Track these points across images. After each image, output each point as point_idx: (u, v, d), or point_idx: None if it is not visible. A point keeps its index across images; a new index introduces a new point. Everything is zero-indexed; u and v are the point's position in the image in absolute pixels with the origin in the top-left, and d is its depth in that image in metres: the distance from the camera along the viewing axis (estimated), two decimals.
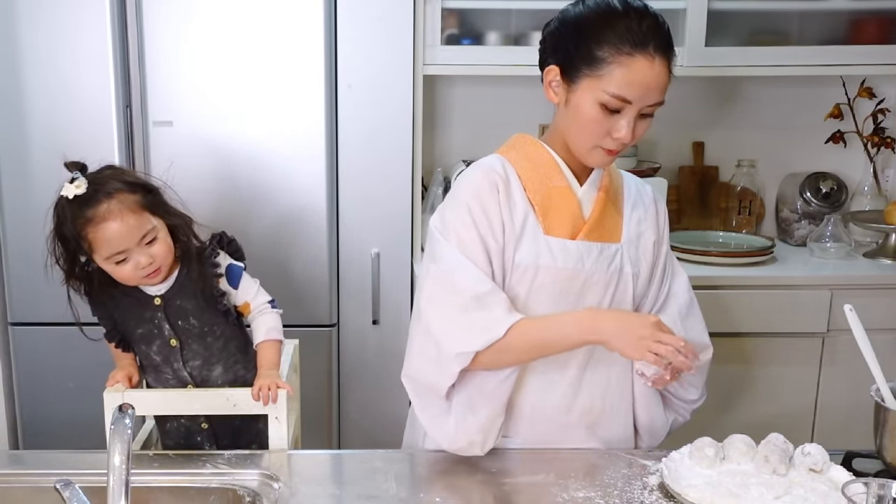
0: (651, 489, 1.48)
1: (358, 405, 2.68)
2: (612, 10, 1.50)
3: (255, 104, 2.46)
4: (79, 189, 1.65)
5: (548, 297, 1.59)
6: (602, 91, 1.49)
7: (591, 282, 1.60)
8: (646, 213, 1.68)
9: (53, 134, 2.44)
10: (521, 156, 1.62)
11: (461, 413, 1.59)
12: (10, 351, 2.58)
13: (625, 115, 1.51)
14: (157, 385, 1.83)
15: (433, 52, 2.62)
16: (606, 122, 1.51)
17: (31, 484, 1.54)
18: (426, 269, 1.61)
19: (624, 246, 1.63)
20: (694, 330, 1.68)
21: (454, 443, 1.60)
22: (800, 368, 2.74)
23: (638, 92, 1.49)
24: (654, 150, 3.11)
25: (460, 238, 1.56)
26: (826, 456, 1.48)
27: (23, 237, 2.49)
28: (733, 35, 2.83)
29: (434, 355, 1.57)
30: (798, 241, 3.05)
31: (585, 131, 1.54)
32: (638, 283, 1.65)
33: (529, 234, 1.57)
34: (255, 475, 1.54)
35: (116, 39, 2.42)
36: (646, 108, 1.52)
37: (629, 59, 1.48)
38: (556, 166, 1.61)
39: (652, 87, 1.50)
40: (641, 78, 1.48)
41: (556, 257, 1.58)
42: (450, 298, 1.56)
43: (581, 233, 1.60)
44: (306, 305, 2.52)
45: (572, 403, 1.64)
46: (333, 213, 2.55)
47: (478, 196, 1.57)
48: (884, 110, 3.05)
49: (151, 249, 1.69)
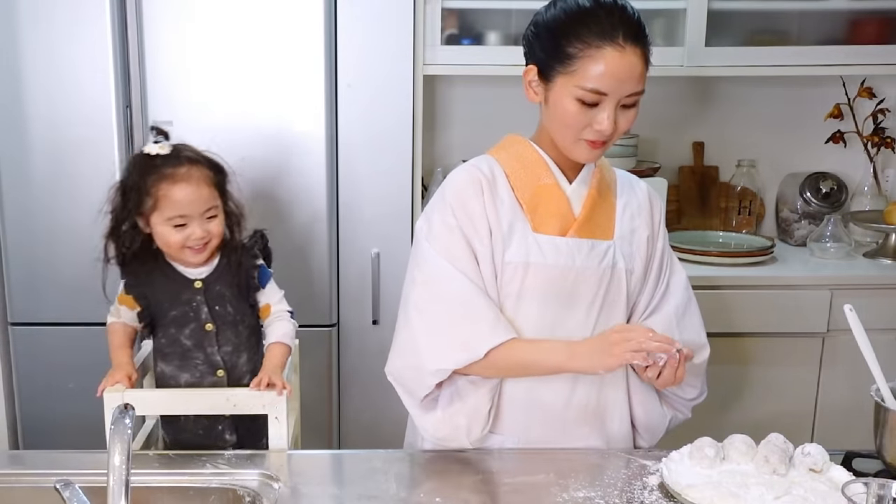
0: (651, 489, 1.48)
1: (358, 405, 2.68)
2: (580, 8, 1.53)
3: (255, 104, 2.46)
4: (162, 150, 1.75)
5: (540, 295, 1.60)
6: (576, 87, 1.52)
7: (582, 278, 1.61)
8: (639, 209, 1.69)
9: (53, 134, 2.44)
10: (509, 155, 1.64)
11: (448, 400, 1.62)
12: (10, 351, 2.58)
13: (604, 108, 1.52)
14: (178, 373, 1.84)
15: (433, 52, 2.62)
16: (586, 115, 1.53)
17: (31, 484, 1.54)
18: (412, 275, 1.64)
19: (617, 242, 1.64)
20: (690, 330, 1.68)
21: (439, 430, 1.62)
22: (800, 368, 2.74)
23: (611, 83, 1.51)
24: (654, 150, 3.11)
25: (445, 243, 1.59)
26: (826, 456, 1.48)
27: (23, 237, 2.49)
28: (733, 35, 2.83)
29: (414, 364, 1.61)
30: (798, 241, 3.05)
31: (567, 127, 1.56)
32: (632, 279, 1.66)
33: (518, 232, 1.59)
34: (255, 475, 1.54)
35: (116, 39, 2.42)
36: (625, 99, 1.53)
37: (598, 52, 1.50)
38: (544, 164, 1.63)
39: (625, 78, 1.51)
40: (613, 69, 1.50)
41: (546, 255, 1.59)
42: (435, 308, 1.59)
43: (571, 230, 1.61)
44: (306, 305, 2.52)
45: (569, 399, 1.64)
46: (333, 213, 2.55)
47: (461, 198, 1.59)
48: (884, 110, 3.06)
49: (209, 225, 1.76)
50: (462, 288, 1.57)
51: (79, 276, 2.49)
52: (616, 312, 1.65)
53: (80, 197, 2.44)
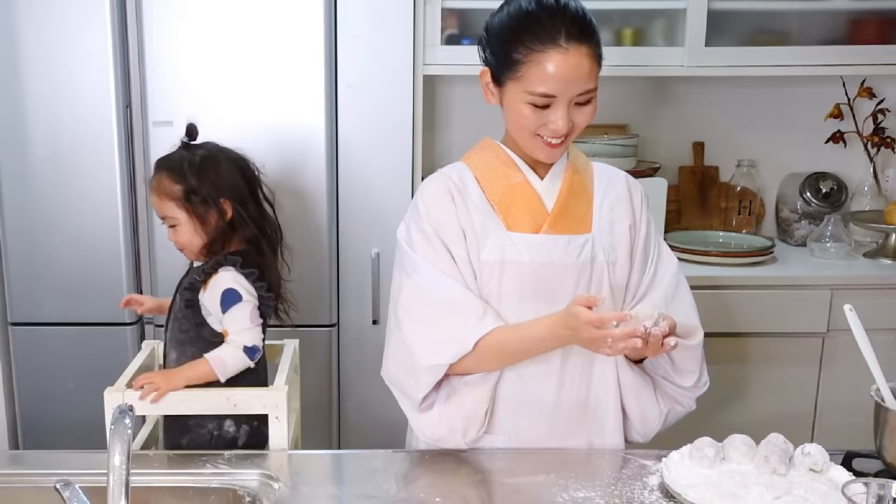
0: (651, 489, 1.48)
1: (358, 405, 2.67)
2: (523, 12, 1.54)
3: (255, 104, 2.46)
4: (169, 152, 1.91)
5: (518, 293, 1.61)
6: (524, 91, 1.54)
7: (560, 273, 1.61)
8: (618, 199, 1.69)
9: (53, 134, 2.44)
10: (480, 159, 1.68)
11: (444, 402, 1.62)
12: (10, 351, 2.57)
13: (556, 109, 1.54)
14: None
15: (433, 52, 2.62)
16: (540, 117, 1.56)
17: (31, 484, 1.54)
18: (399, 281, 1.65)
19: (595, 235, 1.64)
20: (680, 311, 1.64)
21: (435, 431, 1.62)
22: (800, 368, 2.74)
23: (559, 85, 1.52)
24: (654, 150, 3.11)
25: (425, 249, 1.61)
26: (826, 456, 1.48)
27: (23, 237, 2.49)
28: (733, 35, 2.83)
29: (408, 366, 1.61)
30: (798, 241, 3.05)
31: (522, 129, 1.59)
32: (615, 270, 1.65)
33: (493, 233, 1.61)
34: (255, 475, 1.54)
35: (116, 39, 2.42)
36: (577, 98, 1.54)
37: (541, 56, 1.51)
38: (512, 163, 1.66)
39: (572, 78, 1.52)
40: (557, 71, 1.51)
41: (521, 252, 1.60)
42: (423, 309, 1.61)
43: (544, 225, 1.62)
44: (306, 305, 2.51)
45: (557, 396, 1.64)
46: (333, 213, 2.55)
47: (431, 207, 1.63)
48: (884, 110, 3.05)
49: (172, 232, 1.87)
50: (447, 287, 1.59)
51: (79, 276, 2.50)
52: (602, 305, 1.63)
53: (81, 197, 2.44)
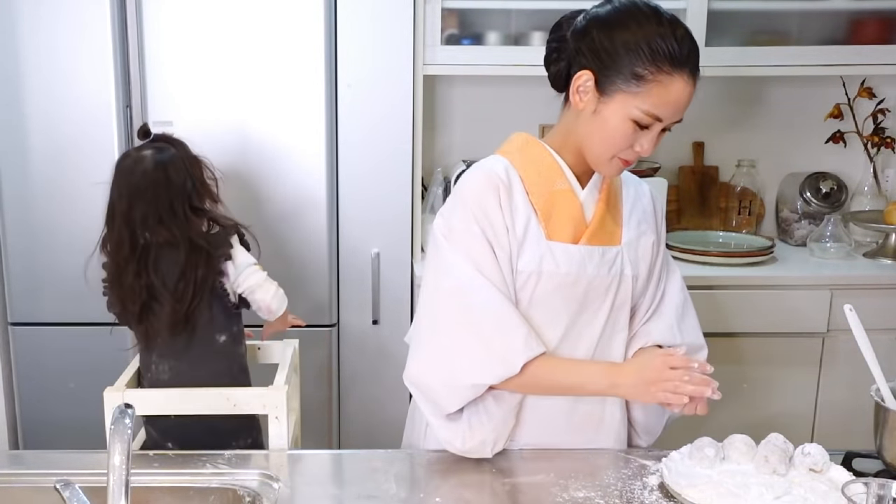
0: (651, 489, 1.48)
1: (358, 405, 2.68)
2: (655, 27, 1.47)
3: (255, 104, 2.46)
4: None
5: (550, 303, 1.57)
6: (636, 108, 1.48)
7: (592, 286, 1.58)
8: (644, 215, 1.67)
9: (53, 134, 2.44)
10: (523, 158, 1.59)
11: (474, 413, 1.58)
12: (10, 351, 2.58)
13: (652, 131, 1.51)
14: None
15: (433, 52, 2.62)
16: (633, 136, 1.51)
17: (31, 484, 1.54)
18: (435, 282, 1.58)
19: (624, 248, 1.62)
20: (690, 332, 1.67)
21: (466, 442, 1.58)
22: (800, 368, 2.74)
23: (671, 111, 1.49)
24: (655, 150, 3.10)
25: (469, 249, 1.53)
26: (826, 456, 1.48)
27: (23, 237, 2.49)
28: (733, 35, 2.83)
29: (447, 379, 1.55)
30: (798, 241, 3.05)
31: (610, 143, 1.52)
32: (637, 284, 1.64)
33: (532, 239, 1.55)
34: (255, 475, 1.54)
35: (116, 39, 2.42)
36: (670, 125, 1.52)
37: (669, 79, 1.46)
38: (559, 169, 1.58)
39: (682, 107, 1.50)
40: (676, 98, 1.48)
41: (559, 263, 1.55)
42: (467, 319, 1.53)
43: (583, 237, 1.58)
44: (306, 305, 2.52)
45: (573, 410, 1.63)
46: (333, 214, 2.55)
47: (481, 203, 1.53)
48: (884, 110, 3.05)
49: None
50: (492, 298, 1.52)
51: (79, 276, 2.48)
52: (622, 317, 1.63)
53: (80, 197, 2.44)
